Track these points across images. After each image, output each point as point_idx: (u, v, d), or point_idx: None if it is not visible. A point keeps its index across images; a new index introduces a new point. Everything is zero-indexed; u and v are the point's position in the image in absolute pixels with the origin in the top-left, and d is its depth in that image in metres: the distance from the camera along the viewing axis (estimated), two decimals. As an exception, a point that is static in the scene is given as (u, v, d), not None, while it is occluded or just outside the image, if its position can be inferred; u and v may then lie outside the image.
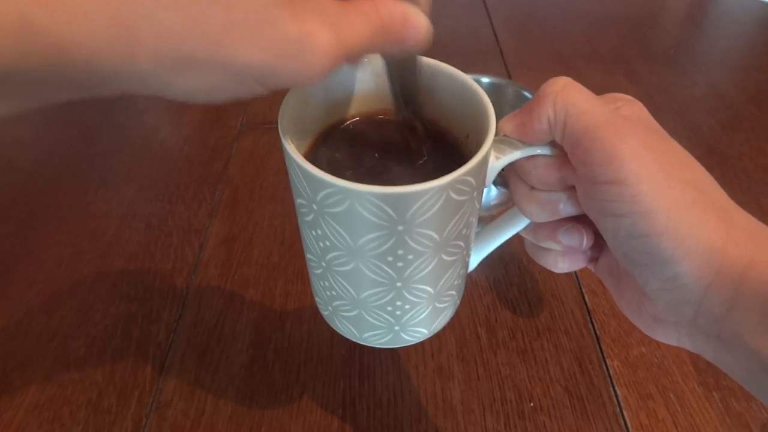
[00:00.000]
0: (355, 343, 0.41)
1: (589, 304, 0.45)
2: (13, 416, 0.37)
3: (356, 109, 0.28)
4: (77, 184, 0.54)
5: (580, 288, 0.46)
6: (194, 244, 0.48)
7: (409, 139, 0.27)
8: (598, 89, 0.25)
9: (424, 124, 0.28)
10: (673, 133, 0.24)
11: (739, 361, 0.21)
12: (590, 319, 0.44)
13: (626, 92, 0.24)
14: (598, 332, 0.43)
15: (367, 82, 0.27)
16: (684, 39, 0.83)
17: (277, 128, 0.23)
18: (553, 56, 0.75)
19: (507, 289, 0.45)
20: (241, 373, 0.39)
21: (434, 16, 0.20)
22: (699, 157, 0.23)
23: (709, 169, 0.23)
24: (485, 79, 0.55)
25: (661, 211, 0.20)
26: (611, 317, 0.44)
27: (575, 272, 0.47)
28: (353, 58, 0.19)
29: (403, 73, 0.25)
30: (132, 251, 0.47)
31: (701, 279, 0.21)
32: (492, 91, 0.55)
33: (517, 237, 0.29)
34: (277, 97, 0.22)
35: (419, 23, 0.20)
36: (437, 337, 0.42)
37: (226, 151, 0.58)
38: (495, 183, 0.46)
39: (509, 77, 0.70)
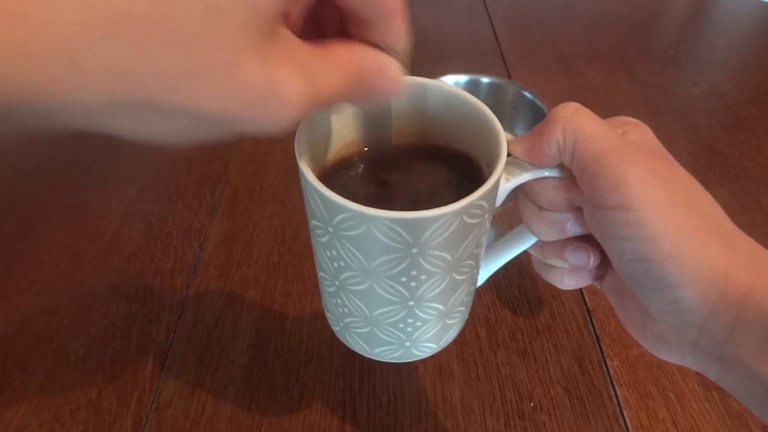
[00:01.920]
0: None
1: (589, 304, 0.45)
2: (13, 416, 0.37)
3: (369, 132, 0.28)
4: (77, 184, 0.54)
5: (580, 288, 0.46)
6: (194, 244, 0.48)
7: (420, 162, 0.27)
8: (598, 89, 0.25)
9: (420, 145, 0.28)
10: (673, 133, 0.24)
11: (740, 381, 0.22)
12: (590, 319, 0.44)
13: (626, 92, 0.24)
14: (598, 332, 0.43)
15: (380, 107, 0.28)
16: (684, 39, 0.83)
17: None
18: (553, 56, 0.75)
19: (507, 289, 0.45)
20: (241, 373, 0.39)
21: (434, 16, 0.20)
22: (699, 157, 0.23)
23: (709, 169, 0.23)
24: (485, 79, 0.55)
25: (666, 236, 0.21)
26: (611, 317, 0.44)
27: (575, 272, 0.47)
28: (324, 107, 0.18)
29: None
30: (132, 251, 0.47)
31: (704, 302, 0.21)
32: (492, 91, 0.55)
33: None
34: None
35: (393, 76, 0.19)
36: (437, 337, 0.42)
37: (226, 151, 0.58)
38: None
39: (509, 77, 0.70)
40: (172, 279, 0.45)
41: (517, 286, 0.46)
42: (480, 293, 0.45)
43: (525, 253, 0.30)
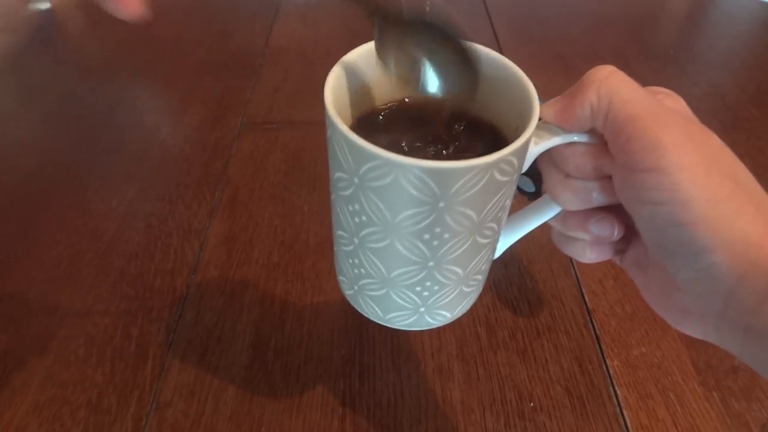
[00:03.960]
0: (355, 343, 0.41)
1: (589, 304, 0.44)
2: (13, 416, 0.37)
3: (396, 94, 0.28)
4: (77, 184, 0.54)
5: (580, 288, 0.46)
6: (194, 244, 0.48)
7: (447, 124, 0.27)
8: (598, 89, 0.24)
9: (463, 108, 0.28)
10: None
11: (766, 354, 0.21)
12: (590, 319, 0.44)
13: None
14: (598, 332, 0.43)
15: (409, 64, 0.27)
16: (684, 39, 0.83)
17: (276, 128, 0.23)
18: (553, 56, 0.75)
19: (507, 289, 0.45)
20: (241, 373, 0.39)
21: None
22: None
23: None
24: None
25: (700, 200, 0.21)
26: (611, 317, 0.44)
27: (575, 272, 0.47)
28: None
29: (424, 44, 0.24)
30: (132, 251, 0.47)
31: (735, 270, 0.21)
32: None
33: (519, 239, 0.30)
34: (276, 97, 0.22)
35: None
36: (437, 337, 0.42)
37: (226, 151, 0.58)
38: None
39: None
40: (172, 279, 0.45)
41: (517, 286, 0.46)
42: (480, 293, 0.45)
43: (526, 252, 0.30)
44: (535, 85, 0.25)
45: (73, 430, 0.36)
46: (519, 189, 0.45)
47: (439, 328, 0.42)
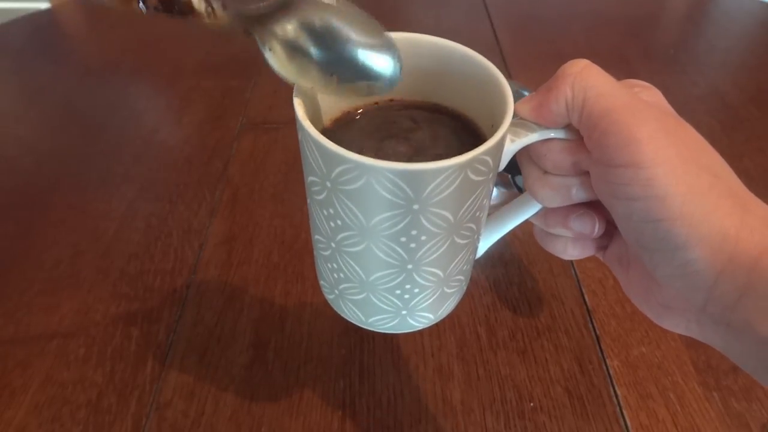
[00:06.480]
0: (355, 343, 0.41)
1: (589, 304, 0.44)
2: (13, 416, 0.37)
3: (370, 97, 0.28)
4: (77, 184, 0.54)
5: (580, 288, 0.46)
6: (194, 244, 0.48)
7: (424, 124, 0.27)
8: (598, 89, 0.24)
9: (439, 109, 0.27)
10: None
11: (749, 349, 0.21)
12: (590, 319, 0.44)
13: (626, 92, 0.24)
14: (598, 332, 0.43)
15: None
16: (684, 39, 0.83)
17: (276, 128, 0.23)
18: (553, 56, 0.75)
19: (507, 289, 0.45)
20: (241, 373, 0.39)
21: (435, 16, 0.20)
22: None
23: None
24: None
25: (676, 195, 0.20)
26: (611, 317, 0.43)
27: (575, 272, 0.47)
28: None
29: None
30: (132, 251, 0.47)
31: (713, 266, 0.20)
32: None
33: (518, 238, 0.30)
34: (276, 97, 0.22)
35: None
36: (437, 337, 0.42)
37: (226, 151, 0.58)
38: (495, 183, 0.45)
39: (509, 77, 0.70)
40: (172, 279, 0.45)
41: (517, 286, 0.46)
42: (480, 293, 0.45)
43: (526, 252, 0.30)
44: (534, 86, 0.25)
45: (73, 430, 0.36)
46: (519, 189, 0.45)
47: (439, 328, 0.42)
